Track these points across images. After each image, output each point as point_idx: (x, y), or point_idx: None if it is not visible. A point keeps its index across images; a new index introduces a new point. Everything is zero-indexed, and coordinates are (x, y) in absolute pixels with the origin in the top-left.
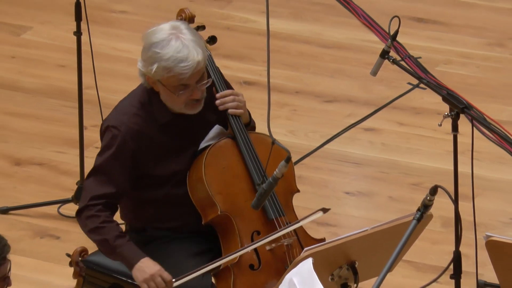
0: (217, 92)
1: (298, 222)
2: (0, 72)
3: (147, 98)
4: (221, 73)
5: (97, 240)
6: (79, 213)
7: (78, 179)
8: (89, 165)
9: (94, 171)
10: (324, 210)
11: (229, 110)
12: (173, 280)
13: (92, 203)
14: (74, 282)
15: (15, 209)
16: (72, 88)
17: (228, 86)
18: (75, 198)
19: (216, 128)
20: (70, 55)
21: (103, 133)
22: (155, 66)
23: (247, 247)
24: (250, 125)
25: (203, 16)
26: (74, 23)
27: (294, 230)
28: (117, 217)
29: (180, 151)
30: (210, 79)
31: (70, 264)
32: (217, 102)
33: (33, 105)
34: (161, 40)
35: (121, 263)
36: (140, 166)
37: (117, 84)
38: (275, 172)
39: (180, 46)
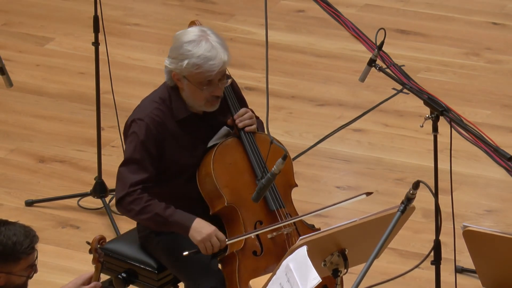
0: (232, 114)
1: (330, 206)
2: (27, 78)
3: (167, 95)
4: (234, 96)
5: (148, 217)
6: (120, 201)
7: (96, 174)
8: (106, 162)
9: (126, 161)
10: (368, 194)
11: (246, 128)
12: (226, 240)
13: (131, 189)
14: (92, 267)
15: (39, 202)
16: (91, 93)
17: (242, 103)
18: (93, 192)
19: (224, 130)
20: (89, 63)
21: (128, 126)
22: (185, 62)
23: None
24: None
25: None
26: (93, 35)
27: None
28: None
29: (191, 147)
30: (230, 79)
31: (90, 251)
32: (236, 121)
33: (56, 108)
34: (192, 40)
35: (176, 232)
36: (161, 153)
37: (131, 90)
38: (273, 168)
39: (210, 47)
